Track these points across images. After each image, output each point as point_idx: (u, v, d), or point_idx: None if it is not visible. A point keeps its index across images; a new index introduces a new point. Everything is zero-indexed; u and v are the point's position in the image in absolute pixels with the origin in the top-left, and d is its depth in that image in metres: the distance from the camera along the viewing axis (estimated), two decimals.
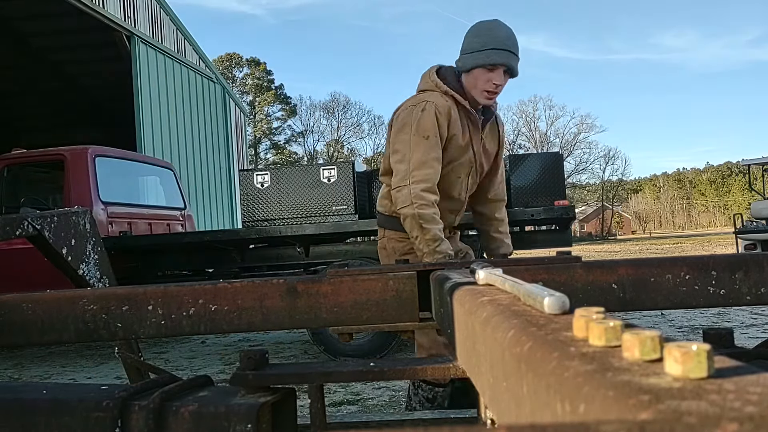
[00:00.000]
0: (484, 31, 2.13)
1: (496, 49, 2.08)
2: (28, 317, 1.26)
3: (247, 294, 1.24)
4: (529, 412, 0.41)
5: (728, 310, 6.48)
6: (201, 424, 1.03)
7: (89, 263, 2.17)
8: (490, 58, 2.08)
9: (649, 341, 0.35)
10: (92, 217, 2.22)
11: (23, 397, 1.12)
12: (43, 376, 5.22)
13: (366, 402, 3.70)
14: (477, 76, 2.12)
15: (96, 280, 2.17)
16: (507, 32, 2.13)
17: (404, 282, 1.23)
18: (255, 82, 47.06)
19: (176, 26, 13.84)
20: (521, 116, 50.01)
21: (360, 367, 1.19)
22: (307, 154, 48.04)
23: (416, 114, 2.11)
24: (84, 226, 2.18)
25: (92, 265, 2.18)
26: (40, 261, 2.09)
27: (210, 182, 14.90)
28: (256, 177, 5.77)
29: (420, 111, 2.11)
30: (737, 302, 1.21)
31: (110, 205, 5.86)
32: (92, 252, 2.19)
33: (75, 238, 2.12)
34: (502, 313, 0.55)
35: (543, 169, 5.45)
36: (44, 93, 16.25)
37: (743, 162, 15.19)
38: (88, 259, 2.17)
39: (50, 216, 2.00)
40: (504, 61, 2.09)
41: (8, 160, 6.03)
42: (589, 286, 1.21)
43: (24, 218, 1.88)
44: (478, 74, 2.11)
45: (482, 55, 2.09)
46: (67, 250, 2.07)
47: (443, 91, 2.15)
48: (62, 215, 2.06)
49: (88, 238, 2.19)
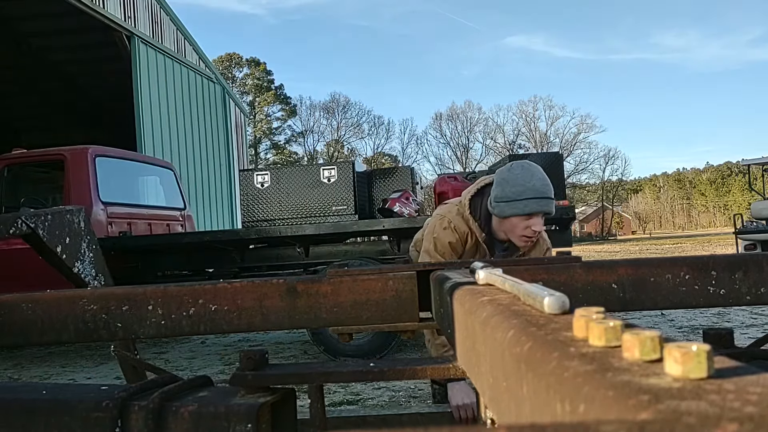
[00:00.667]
0: (521, 180, 2.14)
1: (534, 198, 2.10)
2: (27, 317, 1.26)
3: (246, 294, 1.24)
4: (528, 412, 0.41)
5: (728, 310, 6.48)
6: (201, 424, 1.03)
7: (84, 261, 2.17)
8: (529, 208, 2.10)
9: (649, 341, 0.35)
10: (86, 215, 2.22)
11: (23, 397, 1.12)
12: (43, 376, 5.22)
13: (366, 402, 3.70)
14: (515, 223, 2.14)
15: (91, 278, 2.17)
16: (542, 178, 2.16)
17: (404, 282, 1.23)
18: (255, 82, 47.07)
19: (176, 26, 13.84)
20: (521, 116, 50.02)
21: (360, 367, 1.19)
22: (307, 154, 48.05)
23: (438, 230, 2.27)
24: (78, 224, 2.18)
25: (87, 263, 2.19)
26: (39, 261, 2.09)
27: (210, 182, 14.90)
28: (256, 177, 5.77)
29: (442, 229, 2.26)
30: (737, 302, 1.21)
31: (110, 205, 5.86)
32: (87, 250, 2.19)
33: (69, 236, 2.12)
34: (501, 313, 0.55)
35: (543, 169, 5.45)
36: (44, 93, 16.25)
37: (743, 162, 15.19)
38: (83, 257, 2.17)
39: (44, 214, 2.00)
40: (542, 209, 2.11)
41: (8, 160, 6.03)
42: (589, 286, 1.21)
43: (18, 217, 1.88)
44: (516, 222, 2.14)
45: (520, 204, 2.11)
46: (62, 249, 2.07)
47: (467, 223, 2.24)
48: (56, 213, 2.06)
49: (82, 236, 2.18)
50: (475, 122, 49.73)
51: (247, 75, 47.27)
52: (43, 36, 13.65)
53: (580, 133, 48.65)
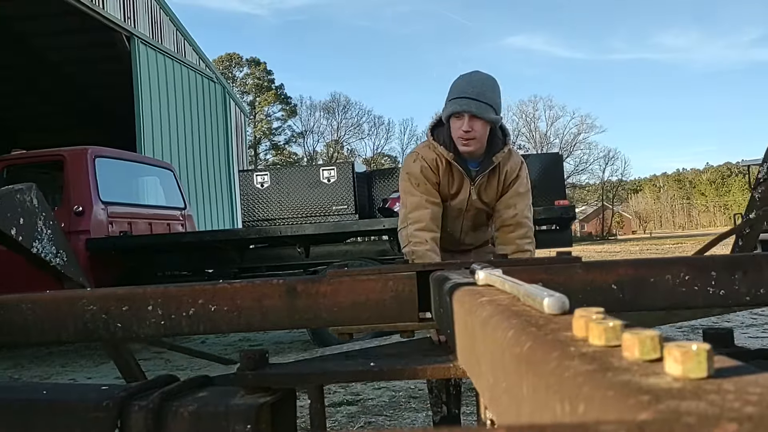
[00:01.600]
0: (456, 84, 2.29)
1: (458, 98, 2.23)
2: (27, 317, 1.26)
3: (246, 294, 1.24)
4: (528, 413, 0.41)
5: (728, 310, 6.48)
6: (200, 424, 1.03)
7: (42, 240, 2.11)
8: (452, 107, 2.25)
9: (648, 341, 0.35)
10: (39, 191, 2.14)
11: (23, 397, 1.12)
12: (43, 376, 5.22)
13: (366, 402, 3.69)
14: (452, 125, 2.28)
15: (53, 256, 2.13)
16: (472, 81, 2.27)
17: (404, 282, 1.23)
18: (255, 81, 47.07)
19: (176, 26, 13.84)
20: (521, 116, 50.01)
21: (360, 367, 1.19)
22: (306, 155, 48.04)
23: (409, 164, 2.38)
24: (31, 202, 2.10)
25: (46, 241, 2.13)
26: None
27: (210, 182, 14.89)
28: (255, 177, 5.78)
29: (412, 162, 2.37)
30: (736, 303, 1.21)
31: (110, 205, 5.86)
32: (44, 227, 2.13)
33: (23, 216, 2.04)
34: (501, 314, 0.55)
35: (543, 169, 5.45)
36: (44, 93, 16.24)
37: (743, 162, 15.20)
38: (40, 235, 2.11)
39: None
40: (464, 109, 2.22)
41: (8, 161, 6.03)
42: (589, 287, 1.21)
43: None
44: (452, 123, 2.28)
45: (449, 105, 2.27)
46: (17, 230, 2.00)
47: (434, 149, 2.34)
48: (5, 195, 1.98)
49: (37, 213, 2.11)
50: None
51: (247, 75, 47.29)
52: (42, 36, 13.65)
53: (580, 134, 48.66)
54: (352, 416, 3.43)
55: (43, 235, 2.10)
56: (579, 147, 48.58)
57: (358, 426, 3.24)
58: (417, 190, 2.32)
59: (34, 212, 2.09)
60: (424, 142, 2.45)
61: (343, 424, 3.28)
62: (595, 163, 50.65)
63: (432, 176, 2.31)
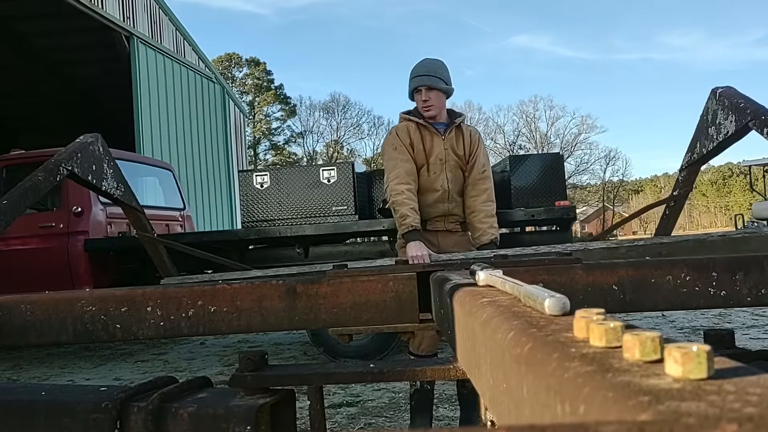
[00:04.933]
0: (415, 66, 2.95)
1: (416, 77, 2.90)
2: (26, 318, 1.26)
3: (246, 295, 1.24)
4: (529, 414, 0.41)
5: (729, 311, 6.48)
6: (200, 425, 1.03)
7: (107, 178, 2.68)
8: (413, 84, 2.90)
9: (649, 342, 0.35)
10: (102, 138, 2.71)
11: (22, 398, 1.12)
12: (42, 377, 5.22)
13: (366, 404, 3.69)
14: (415, 99, 2.93)
15: (115, 189, 2.74)
16: (424, 64, 2.93)
17: (404, 283, 1.23)
18: (255, 82, 47.09)
19: (175, 26, 13.84)
20: (521, 116, 50.00)
21: (359, 368, 1.18)
22: (306, 155, 48.02)
23: (387, 138, 2.99)
24: (99, 150, 2.66)
25: (110, 179, 2.71)
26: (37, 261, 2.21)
27: (209, 183, 14.89)
28: (255, 177, 5.77)
29: (389, 135, 2.97)
30: (738, 303, 1.21)
31: (109, 205, 5.85)
32: (107, 168, 2.70)
33: (95, 164, 2.60)
34: (502, 315, 0.55)
35: (544, 170, 5.44)
36: (43, 93, 16.23)
37: (744, 163, 15.21)
38: (106, 175, 2.67)
39: (74, 154, 2.45)
40: (419, 84, 2.87)
41: (7, 161, 6.03)
42: (590, 288, 1.21)
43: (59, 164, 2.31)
44: (416, 97, 2.92)
45: (411, 83, 2.92)
46: (92, 175, 2.55)
47: (405, 119, 2.95)
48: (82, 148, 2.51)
49: (102, 158, 2.66)
50: (476, 122, 49.70)
51: (246, 75, 47.30)
52: (42, 36, 13.64)
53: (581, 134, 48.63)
54: (352, 417, 3.43)
55: (108, 175, 2.70)
56: (580, 147, 48.57)
57: (358, 427, 3.24)
58: (395, 153, 2.84)
59: (101, 158, 2.66)
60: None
61: (343, 426, 3.28)
62: (596, 164, 50.62)
63: (406, 138, 2.86)
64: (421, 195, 2.85)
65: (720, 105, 2.56)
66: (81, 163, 2.47)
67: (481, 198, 2.90)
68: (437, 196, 2.87)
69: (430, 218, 2.88)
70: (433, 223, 2.89)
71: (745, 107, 2.40)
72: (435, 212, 2.88)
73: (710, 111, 2.63)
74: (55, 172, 2.27)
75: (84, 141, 2.61)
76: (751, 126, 2.35)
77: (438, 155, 2.87)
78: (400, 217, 2.72)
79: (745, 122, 2.37)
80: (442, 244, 2.87)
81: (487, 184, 2.94)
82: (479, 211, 2.88)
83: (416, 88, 2.87)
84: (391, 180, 2.81)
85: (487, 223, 2.86)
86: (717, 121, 2.57)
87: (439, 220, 2.89)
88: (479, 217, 2.87)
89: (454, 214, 2.93)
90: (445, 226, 2.90)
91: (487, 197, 2.92)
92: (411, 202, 2.75)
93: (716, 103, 2.59)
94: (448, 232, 2.92)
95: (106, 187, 2.64)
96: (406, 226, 2.70)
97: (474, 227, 2.89)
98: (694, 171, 2.88)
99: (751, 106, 2.39)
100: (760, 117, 2.30)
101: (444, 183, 2.88)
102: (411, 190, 2.77)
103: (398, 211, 2.73)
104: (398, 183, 2.77)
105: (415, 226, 2.70)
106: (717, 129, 2.56)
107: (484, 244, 2.83)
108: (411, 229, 2.68)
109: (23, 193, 2.10)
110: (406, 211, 2.71)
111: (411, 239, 2.66)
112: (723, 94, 2.56)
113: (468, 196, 2.93)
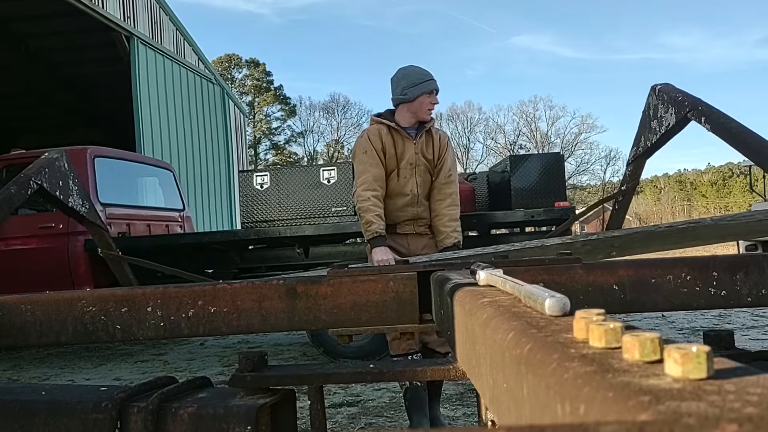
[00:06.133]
0: (416, 71, 2.98)
1: (428, 80, 2.93)
2: (26, 318, 1.26)
3: (246, 295, 1.24)
4: (529, 414, 0.41)
5: (729, 312, 6.48)
6: (200, 425, 1.03)
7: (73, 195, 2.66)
8: (430, 86, 2.93)
9: (649, 343, 0.35)
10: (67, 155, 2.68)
11: (22, 398, 1.12)
12: (42, 377, 5.22)
13: (366, 404, 3.69)
14: (422, 101, 2.91)
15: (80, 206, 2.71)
16: (422, 69, 2.99)
17: (404, 283, 1.23)
18: (254, 82, 47.09)
19: (176, 27, 13.83)
20: (521, 116, 49.96)
21: (359, 368, 1.18)
22: (306, 155, 48.00)
23: (358, 141, 3.01)
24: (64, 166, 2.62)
25: (76, 196, 2.68)
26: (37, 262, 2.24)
27: (209, 183, 14.89)
28: (255, 178, 5.77)
29: (360, 138, 2.99)
30: (738, 304, 1.21)
31: (109, 206, 5.85)
32: (73, 185, 2.67)
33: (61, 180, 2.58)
34: (502, 315, 0.55)
35: (544, 170, 5.44)
36: (43, 94, 16.23)
37: (744, 163, 15.19)
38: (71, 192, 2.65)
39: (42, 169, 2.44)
40: (434, 87, 2.95)
41: (7, 161, 6.03)
42: (590, 288, 1.21)
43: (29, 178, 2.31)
44: (423, 99, 2.91)
45: (425, 84, 2.92)
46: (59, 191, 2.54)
47: (377, 122, 2.97)
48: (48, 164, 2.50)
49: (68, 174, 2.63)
50: (476, 122, 49.65)
51: (246, 76, 47.30)
52: (41, 36, 13.63)
53: (581, 134, 48.59)
54: (353, 417, 3.43)
55: (74, 192, 2.69)
56: (580, 147, 48.53)
57: (359, 427, 3.24)
58: (365, 157, 2.87)
59: (67, 174, 2.63)
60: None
61: (344, 426, 3.28)
62: (596, 164, 50.56)
63: (378, 142, 2.88)
64: (391, 199, 2.92)
65: (660, 100, 2.69)
66: (49, 178, 2.48)
67: (445, 202, 2.97)
68: (407, 200, 2.94)
69: (400, 222, 2.94)
70: (402, 226, 2.95)
71: (683, 100, 2.53)
72: (404, 216, 2.94)
73: (651, 106, 2.78)
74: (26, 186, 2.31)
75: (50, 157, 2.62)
76: (690, 117, 2.49)
77: (409, 159, 2.93)
78: (366, 223, 2.80)
79: (684, 113, 2.50)
80: (411, 246, 2.93)
81: (452, 188, 3.02)
82: (443, 215, 2.95)
83: (427, 92, 2.92)
84: (358, 185, 2.87)
85: (450, 227, 2.94)
86: (658, 114, 2.70)
87: (408, 224, 2.96)
88: (443, 221, 2.95)
89: (423, 218, 2.99)
90: (414, 229, 2.96)
91: (452, 201, 2.99)
92: (376, 208, 2.82)
93: (656, 98, 2.73)
94: (417, 235, 2.97)
95: (73, 204, 2.65)
96: (371, 232, 2.78)
97: (438, 230, 2.96)
98: (640, 165, 3.03)
99: (688, 98, 2.53)
100: (697, 108, 2.44)
101: (414, 187, 2.95)
102: (377, 197, 2.84)
103: (363, 218, 2.81)
104: (365, 189, 2.83)
105: (379, 232, 2.78)
106: (659, 122, 2.70)
107: (447, 247, 2.91)
108: (376, 235, 2.77)
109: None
110: (371, 218, 2.79)
111: (376, 245, 2.75)
112: (662, 90, 2.70)
113: (433, 199, 3.00)
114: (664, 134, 2.67)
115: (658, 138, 2.72)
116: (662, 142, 2.77)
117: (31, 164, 2.50)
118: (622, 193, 3.12)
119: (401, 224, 2.95)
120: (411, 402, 2.86)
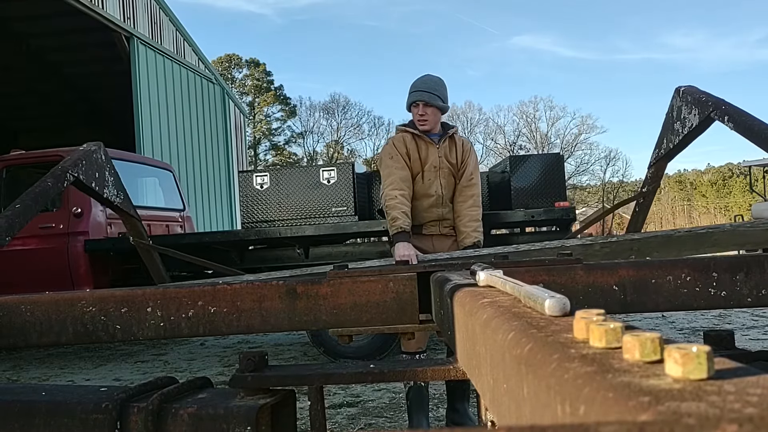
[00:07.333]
0: (414, 82, 3.11)
1: (415, 92, 3.05)
2: (26, 319, 1.26)
3: (246, 296, 1.23)
4: (529, 414, 0.41)
5: (729, 312, 6.48)
6: (200, 426, 1.03)
7: (108, 186, 2.76)
8: (411, 99, 3.07)
9: (649, 343, 0.35)
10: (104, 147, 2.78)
11: (22, 398, 1.12)
12: (42, 377, 5.21)
13: (366, 404, 3.69)
14: (413, 111, 3.09)
15: (115, 197, 2.82)
16: (424, 80, 3.09)
17: (404, 283, 1.23)
18: (254, 83, 47.08)
19: (175, 27, 13.83)
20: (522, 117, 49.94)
21: (360, 368, 1.18)
22: (306, 155, 47.98)
23: (384, 148, 3.17)
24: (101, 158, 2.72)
25: (111, 186, 2.77)
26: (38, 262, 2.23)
27: (209, 183, 14.88)
28: (255, 178, 5.77)
29: (386, 146, 3.14)
30: (738, 304, 1.21)
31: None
32: (109, 176, 2.77)
33: (98, 171, 2.67)
34: (502, 315, 0.55)
35: (544, 170, 5.44)
36: (43, 94, 16.22)
37: (744, 163, 15.19)
38: (107, 182, 2.74)
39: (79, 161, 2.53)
40: (418, 98, 3.02)
41: (7, 162, 6.03)
42: (590, 288, 1.21)
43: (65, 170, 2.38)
44: (413, 111, 3.08)
45: (411, 96, 3.08)
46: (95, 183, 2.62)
47: (402, 130, 3.12)
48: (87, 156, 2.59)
49: (104, 166, 2.73)
50: (476, 123, 49.66)
51: (246, 76, 47.29)
52: (41, 37, 13.63)
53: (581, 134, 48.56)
54: (353, 418, 3.43)
55: (109, 182, 2.78)
56: (580, 147, 48.50)
57: (359, 428, 3.24)
58: (391, 162, 3.01)
59: (104, 166, 2.73)
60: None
61: (344, 426, 3.28)
62: (596, 164, 50.53)
63: (402, 147, 3.03)
64: (417, 200, 3.02)
65: (684, 101, 2.70)
66: (86, 170, 2.55)
67: (467, 203, 3.08)
68: (432, 201, 3.05)
69: (425, 222, 3.05)
70: (428, 227, 3.05)
71: (706, 100, 2.54)
72: (430, 217, 3.04)
73: (675, 108, 2.78)
74: (63, 178, 2.37)
75: (88, 149, 2.70)
76: (713, 116, 2.49)
77: (432, 163, 3.06)
78: (392, 219, 2.90)
79: (707, 113, 2.51)
80: (437, 247, 3.02)
81: (474, 190, 3.13)
82: (464, 216, 3.06)
83: (414, 102, 3.05)
84: (386, 186, 3.00)
85: (470, 227, 3.04)
86: (682, 116, 2.71)
87: (434, 225, 3.05)
88: (464, 221, 3.05)
89: (447, 219, 3.10)
90: (440, 230, 3.06)
91: (473, 203, 3.10)
92: (403, 206, 2.93)
93: (680, 100, 2.74)
94: (442, 236, 3.07)
95: (108, 195, 2.71)
96: (396, 227, 2.87)
97: (459, 230, 3.06)
98: (662, 167, 3.04)
99: (711, 98, 2.53)
100: (720, 107, 2.44)
101: (438, 189, 3.06)
102: (404, 195, 2.95)
103: (390, 214, 2.91)
104: (392, 189, 2.96)
105: (404, 228, 2.86)
106: (682, 123, 2.71)
107: (467, 247, 2.98)
108: (400, 230, 2.85)
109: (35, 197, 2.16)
110: (397, 214, 2.89)
111: (399, 240, 2.82)
112: (686, 91, 2.72)
113: (456, 201, 3.11)
114: (687, 135, 2.67)
115: (681, 139, 2.72)
116: (685, 144, 2.77)
117: (68, 156, 2.59)
118: (642, 195, 3.12)
119: (427, 225, 3.05)
120: (412, 401, 2.87)
